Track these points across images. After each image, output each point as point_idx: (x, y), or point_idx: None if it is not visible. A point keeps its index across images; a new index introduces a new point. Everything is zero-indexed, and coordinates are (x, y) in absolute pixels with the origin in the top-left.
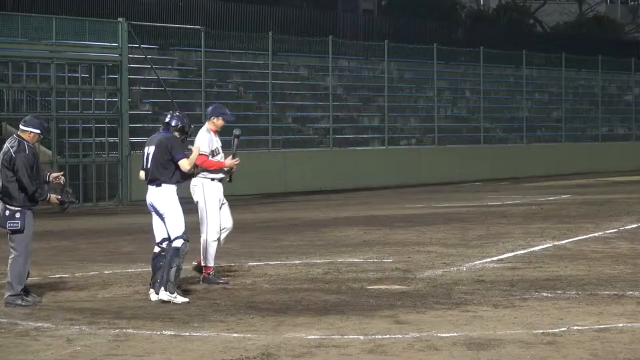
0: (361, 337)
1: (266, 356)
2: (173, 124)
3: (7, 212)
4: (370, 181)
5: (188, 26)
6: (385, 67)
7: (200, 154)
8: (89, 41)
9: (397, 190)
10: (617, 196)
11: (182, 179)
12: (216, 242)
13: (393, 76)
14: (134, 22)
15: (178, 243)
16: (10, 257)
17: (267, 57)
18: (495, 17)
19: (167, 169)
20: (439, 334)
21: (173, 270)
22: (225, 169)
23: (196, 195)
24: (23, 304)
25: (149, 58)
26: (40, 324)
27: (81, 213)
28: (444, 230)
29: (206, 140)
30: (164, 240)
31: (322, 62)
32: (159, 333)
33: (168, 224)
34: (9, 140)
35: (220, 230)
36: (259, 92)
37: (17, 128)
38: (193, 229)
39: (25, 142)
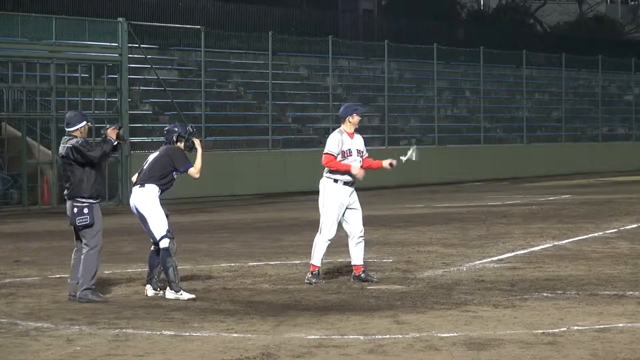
0: (361, 337)
1: (266, 356)
2: (169, 140)
3: (76, 209)
4: (370, 181)
5: (188, 26)
6: (385, 67)
7: (326, 154)
8: (89, 41)
9: (397, 190)
10: (617, 196)
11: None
12: (327, 244)
13: (393, 76)
14: (134, 22)
15: (165, 243)
16: (83, 252)
17: (267, 57)
18: (495, 17)
19: (160, 175)
20: (439, 334)
21: (170, 270)
22: (353, 173)
23: (320, 195)
24: (96, 298)
25: (149, 58)
26: (40, 324)
27: None
28: (444, 230)
29: (335, 141)
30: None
31: (322, 62)
32: (159, 333)
33: (151, 225)
34: (64, 140)
35: (349, 235)
36: (259, 92)
37: (17, 128)
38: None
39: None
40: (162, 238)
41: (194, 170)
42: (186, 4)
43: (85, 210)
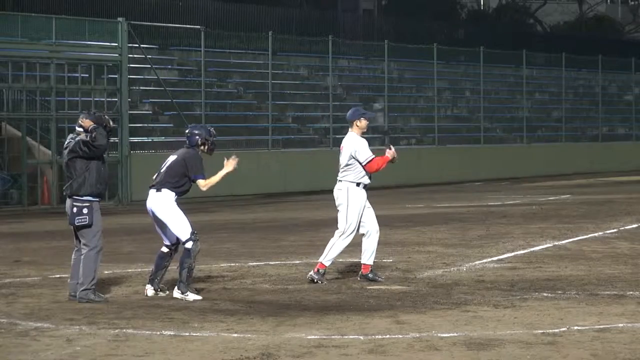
0: (361, 337)
1: (266, 356)
2: (192, 143)
3: (75, 209)
4: (370, 181)
5: (188, 26)
6: (385, 67)
7: (369, 160)
8: (89, 41)
9: (397, 190)
10: (617, 196)
11: (182, 194)
12: (345, 246)
13: (393, 76)
14: (134, 22)
15: (189, 245)
16: (82, 253)
17: (267, 57)
18: (495, 17)
19: (177, 180)
20: (439, 334)
21: (185, 271)
22: (390, 157)
23: (340, 199)
24: (96, 299)
25: (149, 58)
26: (40, 324)
27: None
28: (444, 230)
29: (366, 144)
30: (174, 243)
31: (322, 62)
32: (159, 333)
33: (173, 229)
34: (69, 137)
35: (366, 233)
36: (259, 92)
37: (17, 128)
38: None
39: None
40: (187, 240)
41: (203, 183)
42: (186, 4)
43: (85, 211)
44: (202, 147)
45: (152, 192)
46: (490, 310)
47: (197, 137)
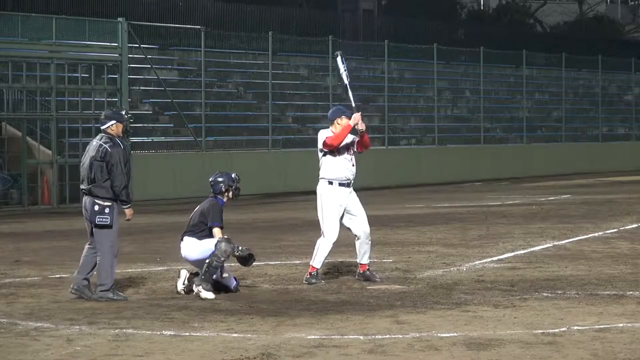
0: (361, 337)
1: (266, 356)
2: (217, 190)
3: (97, 207)
4: (370, 181)
5: (188, 26)
6: (385, 67)
7: (324, 141)
8: (89, 41)
9: (397, 190)
10: (617, 196)
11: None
12: (330, 246)
13: (393, 76)
14: (134, 22)
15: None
16: (97, 253)
17: (267, 57)
18: (495, 17)
19: (200, 228)
20: (439, 334)
21: (204, 266)
22: (354, 125)
23: (318, 199)
24: (115, 297)
25: (149, 58)
26: (40, 324)
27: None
28: (444, 230)
29: (325, 132)
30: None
31: (322, 62)
32: (159, 333)
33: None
34: (99, 137)
35: (356, 238)
36: (259, 92)
37: (17, 128)
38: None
39: (116, 138)
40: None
41: (218, 231)
42: (186, 4)
43: (107, 210)
44: (226, 194)
45: (185, 237)
46: (490, 310)
47: (221, 184)
